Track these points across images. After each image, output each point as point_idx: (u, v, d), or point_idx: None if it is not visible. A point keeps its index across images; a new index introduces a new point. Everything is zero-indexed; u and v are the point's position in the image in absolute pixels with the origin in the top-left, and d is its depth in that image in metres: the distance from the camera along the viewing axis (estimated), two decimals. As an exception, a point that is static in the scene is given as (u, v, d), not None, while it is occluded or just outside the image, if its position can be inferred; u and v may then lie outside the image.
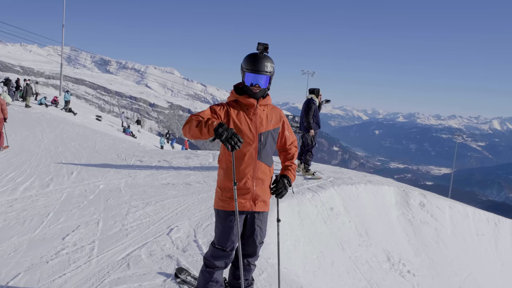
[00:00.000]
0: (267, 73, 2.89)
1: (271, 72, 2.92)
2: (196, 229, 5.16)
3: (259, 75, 2.88)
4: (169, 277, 3.78)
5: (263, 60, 2.87)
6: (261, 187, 3.04)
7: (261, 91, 2.96)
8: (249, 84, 2.92)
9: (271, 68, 2.90)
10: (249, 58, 2.91)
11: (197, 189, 7.40)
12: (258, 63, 2.86)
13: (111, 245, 4.51)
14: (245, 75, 2.92)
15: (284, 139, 3.21)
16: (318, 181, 8.42)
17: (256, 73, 2.87)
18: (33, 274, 3.72)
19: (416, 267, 7.20)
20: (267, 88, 2.99)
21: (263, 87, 2.93)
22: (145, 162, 10.65)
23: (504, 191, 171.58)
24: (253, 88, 2.92)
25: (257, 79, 2.89)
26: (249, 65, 2.89)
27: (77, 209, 5.90)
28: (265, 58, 2.89)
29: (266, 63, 2.87)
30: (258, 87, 2.92)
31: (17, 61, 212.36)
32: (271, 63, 2.90)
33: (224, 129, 2.61)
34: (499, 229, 9.66)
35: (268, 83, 2.95)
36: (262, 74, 2.88)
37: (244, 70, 2.93)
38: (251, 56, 2.91)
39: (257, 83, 2.90)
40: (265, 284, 3.88)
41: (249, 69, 2.88)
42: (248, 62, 2.90)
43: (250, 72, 2.88)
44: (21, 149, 11.57)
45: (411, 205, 8.70)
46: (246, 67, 2.90)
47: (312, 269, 5.63)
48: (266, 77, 2.91)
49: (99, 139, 16.24)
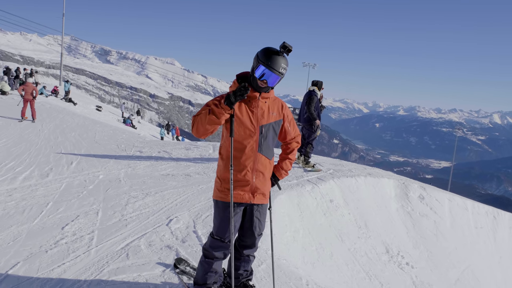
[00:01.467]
0: (279, 74, 2.83)
1: (283, 74, 2.86)
2: (195, 220, 5.16)
3: (272, 73, 2.81)
4: (168, 267, 3.78)
5: (281, 60, 2.80)
6: (260, 180, 3.03)
7: (266, 88, 2.93)
8: (258, 77, 2.85)
9: (284, 70, 2.83)
10: (269, 52, 2.81)
11: (197, 180, 7.40)
12: (276, 61, 2.78)
13: (110, 235, 4.51)
14: (258, 67, 2.83)
15: (284, 132, 3.19)
16: (318, 173, 8.42)
17: (270, 69, 2.79)
18: (32, 263, 3.73)
19: (414, 259, 7.23)
20: (272, 87, 2.95)
21: (270, 85, 2.89)
22: (145, 153, 10.64)
23: (503, 185, 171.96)
24: (260, 82, 2.87)
25: (268, 75, 2.82)
26: (266, 59, 2.79)
27: (76, 199, 5.90)
28: (283, 58, 2.82)
29: (283, 64, 2.80)
30: (266, 83, 2.86)
31: (17, 50, 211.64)
32: (286, 65, 2.84)
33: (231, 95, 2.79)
34: (497, 222, 9.68)
35: (275, 83, 2.90)
36: (275, 73, 2.81)
37: (259, 61, 2.83)
38: (272, 52, 2.81)
39: (266, 79, 2.84)
40: (264, 275, 3.88)
41: (264, 62, 2.79)
42: (266, 56, 2.80)
43: (264, 66, 2.79)
44: (21, 138, 11.56)
45: (410, 197, 8.70)
46: (263, 59, 2.80)
47: (311, 260, 5.64)
48: (277, 77, 2.85)
49: (99, 129, 16.21)
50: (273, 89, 3.05)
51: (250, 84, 2.95)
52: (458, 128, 69.01)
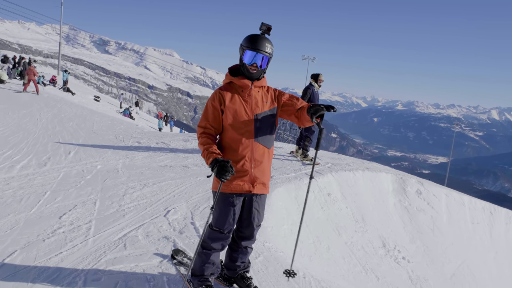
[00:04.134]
0: (266, 54, 2.87)
1: (270, 54, 2.90)
2: (193, 211, 5.16)
3: (259, 54, 2.85)
4: (166, 258, 3.79)
5: (264, 40, 2.86)
6: (259, 169, 3.02)
7: (258, 71, 2.93)
8: (248, 63, 2.89)
9: (270, 49, 2.89)
10: (250, 37, 2.88)
11: (195, 172, 7.39)
12: (259, 42, 2.84)
13: (108, 225, 4.51)
14: (244, 53, 2.88)
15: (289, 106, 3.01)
16: (316, 166, 8.42)
17: (256, 51, 2.84)
18: (29, 252, 3.72)
19: (411, 253, 7.26)
20: (264, 69, 2.95)
21: (262, 67, 2.91)
22: (143, 144, 10.62)
23: (499, 181, 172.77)
24: (250, 67, 2.90)
25: (256, 58, 2.86)
26: (249, 43, 2.86)
27: (74, 189, 5.89)
28: (266, 39, 2.88)
29: (266, 43, 2.86)
30: (256, 66, 2.89)
31: (15, 39, 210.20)
32: (271, 45, 2.89)
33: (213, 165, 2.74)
34: (494, 218, 9.72)
35: (266, 64, 2.92)
36: (262, 53, 2.85)
37: (243, 48, 2.89)
38: (253, 35, 2.89)
39: (255, 62, 2.87)
40: (261, 267, 3.89)
41: (249, 47, 2.85)
42: (249, 40, 2.87)
43: (250, 49, 2.85)
44: (19, 127, 11.51)
45: (408, 192, 8.72)
46: (246, 45, 2.87)
47: (308, 253, 5.66)
48: (265, 58, 2.89)
49: (97, 119, 16.15)
50: (265, 78, 3.06)
51: (243, 74, 2.96)
52: (456, 124, 68.93)
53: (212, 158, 2.78)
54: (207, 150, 2.86)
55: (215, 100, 2.97)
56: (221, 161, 2.72)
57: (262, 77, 3.03)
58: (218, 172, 2.70)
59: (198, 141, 2.99)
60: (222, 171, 2.68)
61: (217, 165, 2.71)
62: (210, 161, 2.79)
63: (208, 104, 3.00)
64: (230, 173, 2.69)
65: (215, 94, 2.99)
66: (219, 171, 2.69)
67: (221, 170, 2.69)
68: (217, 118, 2.97)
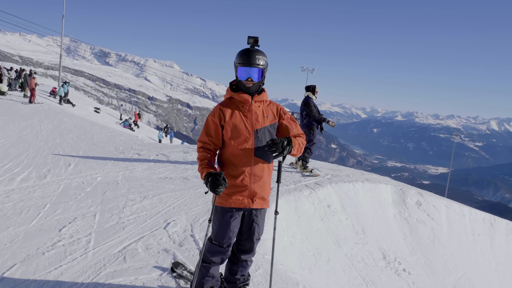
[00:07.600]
0: (259, 66, 2.89)
1: (263, 65, 2.91)
2: (193, 224, 5.16)
3: (252, 68, 2.88)
4: (165, 271, 3.78)
5: (254, 53, 2.88)
6: (259, 184, 3.03)
7: (255, 85, 2.95)
8: (242, 79, 2.92)
9: (263, 61, 2.90)
10: (240, 53, 2.91)
11: (195, 184, 7.39)
12: (249, 57, 2.87)
13: (107, 238, 4.51)
14: (238, 70, 2.92)
15: (284, 129, 3.05)
16: (315, 178, 8.43)
17: (248, 66, 2.87)
18: (29, 265, 3.72)
19: (411, 265, 7.23)
20: (260, 82, 2.97)
21: (255, 80, 2.92)
22: (143, 156, 10.63)
23: (500, 192, 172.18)
24: (246, 82, 2.93)
25: (249, 72, 2.89)
26: (240, 59, 2.89)
27: (74, 201, 5.89)
28: (256, 51, 2.90)
29: (257, 56, 2.87)
30: (251, 80, 2.91)
31: (16, 51, 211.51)
32: (263, 56, 2.90)
33: (206, 179, 2.79)
34: (494, 229, 9.70)
35: (261, 77, 2.93)
36: (254, 67, 2.87)
37: (236, 65, 2.93)
38: (242, 51, 2.92)
39: (250, 76, 2.90)
40: (261, 280, 3.88)
41: (240, 63, 2.89)
42: (239, 57, 2.90)
43: (242, 66, 2.89)
44: (19, 139, 11.53)
45: (408, 203, 8.71)
46: (238, 61, 2.90)
47: (308, 265, 5.64)
48: (259, 70, 2.90)
49: (97, 131, 16.19)
50: (266, 91, 3.07)
51: (242, 91, 2.98)
52: (455, 134, 69.05)
53: (205, 172, 2.83)
54: (202, 165, 2.92)
55: (215, 115, 3.00)
56: (213, 174, 2.75)
57: (262, 91, 3.05)
58: (211, 186, 2.74)
59: (198, 156, 3.03)
60: (214, 184, 2.72)
61: (210, 178, 2.75)
62: (203, 175, 2.84)
63: (209, 119, 3.03)
64: (223, 186, 2.72)
65: (216, 109, 3.02)
66: (211, 185, 2.74)
67: (213, 184, 2.73)
68: (217, 134, 2.99)
